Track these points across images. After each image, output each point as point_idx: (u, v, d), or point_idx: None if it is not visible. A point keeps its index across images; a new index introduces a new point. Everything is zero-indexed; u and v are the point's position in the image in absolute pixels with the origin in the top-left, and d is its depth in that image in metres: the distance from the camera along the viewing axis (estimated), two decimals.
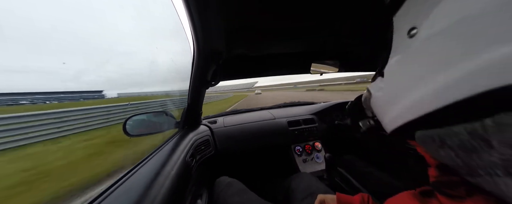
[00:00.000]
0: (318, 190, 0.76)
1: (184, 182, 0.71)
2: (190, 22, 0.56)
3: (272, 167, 1.58)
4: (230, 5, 0.56)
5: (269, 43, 0.91)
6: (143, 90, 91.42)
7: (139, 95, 62.98)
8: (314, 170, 1.33)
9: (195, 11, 0.51)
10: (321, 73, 1.26)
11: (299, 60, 1.20)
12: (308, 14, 0.67)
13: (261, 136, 1.37)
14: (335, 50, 1.11)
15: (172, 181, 0.59)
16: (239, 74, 1.32)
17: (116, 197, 0.48)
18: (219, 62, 0.89)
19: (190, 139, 1.00)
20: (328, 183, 1.04)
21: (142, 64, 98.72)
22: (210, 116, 1.67)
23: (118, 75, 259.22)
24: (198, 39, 0.66)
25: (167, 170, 0.63)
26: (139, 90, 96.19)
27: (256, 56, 1.05)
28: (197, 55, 0.77)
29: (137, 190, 0.49)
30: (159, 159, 0.71)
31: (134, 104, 13.41)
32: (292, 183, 0.87)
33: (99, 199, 0.46)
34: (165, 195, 0.52)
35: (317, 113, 1.59)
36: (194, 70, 0.87)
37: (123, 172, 0.60)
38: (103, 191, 0.50)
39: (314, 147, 1.46)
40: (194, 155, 0.95)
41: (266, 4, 0.58)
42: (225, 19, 0.63)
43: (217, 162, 1.31)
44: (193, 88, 0.99)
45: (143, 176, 0.57)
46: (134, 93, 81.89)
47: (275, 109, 1.82)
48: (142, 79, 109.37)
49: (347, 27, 0.80)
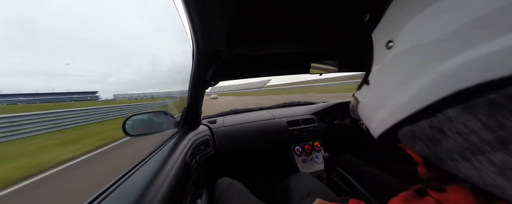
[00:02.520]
0: (315, 190, 0.76)
1: (183, 182, 0.71)
2: (190, 22, 0.56)
3: (272, 167, 1.58)
4: (230, 5, 0.57)
5: (268, 43, 0.91)
6: (147, 91, 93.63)
7: (139, 95, 68.94)
8: (313, 170, 1.33)
9: (195, 11, 0.51)
10: (321, 73, 1.26)
11: (299, 60, 1.20)
12: (308, 14, 0.67)
13: (260, 136, 1.37)
14: (335, 50, 1.11)
15: (171, 181, 0.59)
16: (239, 74, 1.32)
17: (116, 196, 0.48)
18: (218, 62, 0.89)
19: (190, 139, 1.00)
20: (327, 183, 1.04)
21: (144, 65, 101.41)
22: (210, 115, 1.67)
23: (136, 77, 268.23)
24: (197, 39, 0.66)
25: (167, 170, 0.63)
26: (142, 91, 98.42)
27: (255, 56, 1.05)
28: (197, 55, 0.77)
29: (137, 190, 0.50)
30: (158, 158, 0.71)
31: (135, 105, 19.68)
32: (291, 183, 0.87)
33: (99, 198, 0.47)
34: (165, 195, 0.52)
35: (316, 113, 1.59)
36: (193, 70, 0.87)
37: (123, 172, 0.60)
38: (103, 191, 0.50)
39: (313, 147, 1.46)
40: (193, 155, 0.95)
41: (266, 4, 0.58)
42: (224, 19, 0.63)
43: (216, 162, 1.32)
44: (192, 88, 0.99)
45: (143, 176, 0.57)
46: (133, 94, 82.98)
47: (275, 109, 1.82)
48: (143, 80, 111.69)
49: (345, 28, 0.80)
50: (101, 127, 12.88)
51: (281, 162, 1.49)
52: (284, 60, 1.19)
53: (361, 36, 0.88)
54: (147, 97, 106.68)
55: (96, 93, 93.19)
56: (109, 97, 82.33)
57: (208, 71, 0.93)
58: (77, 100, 52.90)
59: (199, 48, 0.71)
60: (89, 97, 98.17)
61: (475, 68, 0.16)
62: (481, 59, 0.16)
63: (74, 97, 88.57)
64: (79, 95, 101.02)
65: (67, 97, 58.84)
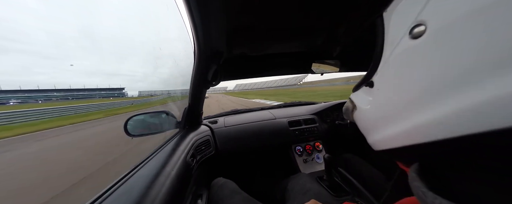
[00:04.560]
0: (309, 191, 0.77)
1: (184, 183, 0.72)
2: (191, 22, 0.56)
3: (273, 167, 1.58)
4: (231, 5, 0.56)
5: (269, 43, 0.91)
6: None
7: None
8: (314, 170, 1.33)
9: (196, 10, 0.51)
10: (322, 73, 1.25)
11: (300, 60, 1.20)
12: (308, 14, 0.66)
13: (261, 136, 1.37)
14: (336, 50, 1.11)
15: (172, 181, 0.59)
16: (240, 74, 1.32)
17: (117, 197, 0.48)
18: (219, 62, 0.89)
19: (191, 139, 1.00)
20: (328, 184, 1.04)
21: (146, 66, 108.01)
22: (211, 116, 1.67)
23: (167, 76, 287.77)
24: (199, 39, 0.66)
25: (168, 170, 0.63)
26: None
27: (256, 56, 1.05)
28: (198, 55, 0.77)
29: (138, 190, 0.50)
30: (159, 159, 0.71)
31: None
32: (289, 183, 0.88)
33: (100, 199, 0.47)
34: (166, 195, 0.52)
35: (317, 113, 1.59)
36: (195, 70, 0.87)
37: (124, 172, 0.61)
38: (105, 191, 0.50)
39: (314, 147, 1.45)
40: (194, 155, 0.95)
41: (267, 4, 0.58)
42: (225, 18, 0.63)
43: (217, 162, 1.31)
44: (194, 88, 0.99)
45: (144, 176, 0.58)
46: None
47: (276, 109, 1.82)
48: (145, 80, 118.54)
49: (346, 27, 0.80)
50: None
51: (282, 162, 1.49)
52: (285, 60, 1.18)
53: (364, 27, 0.85)
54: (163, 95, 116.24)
55: (123, 89, 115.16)
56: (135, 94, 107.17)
57: (209, 71, 0.93)
58: (105, 96, 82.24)
59: (200, 48, 0.71)
60: (117, 93, 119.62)
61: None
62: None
63: (104, 93, 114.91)
64: (108, 91, 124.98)
65: (107, 93, 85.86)
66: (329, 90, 33.06)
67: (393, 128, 0.20)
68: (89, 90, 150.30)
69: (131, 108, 41.68)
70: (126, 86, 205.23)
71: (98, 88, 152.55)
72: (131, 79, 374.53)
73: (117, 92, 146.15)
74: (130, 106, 51.18)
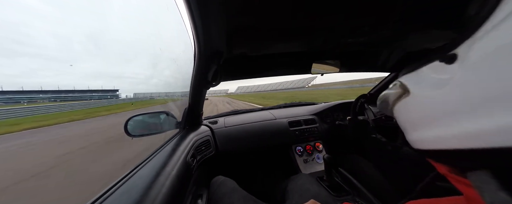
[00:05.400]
0: (308, 191, 0.77)
1: (184, 183, 0.72)
2: (191, 22, 0.56)
3: (273, 167, 1.58)
4: (231, 5, 0.56)
5: (269, 43, 0.91)
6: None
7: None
8: (315, 170, 1.33)
9: (196, 11, 0.51)
10: (322, 73, 1.25)
11: (300, 60, 1.20)
12: (309, 14, 0.66)
13: (261, 136, 1.37)
14: (336, 50, 1.11)
15: (172, 182, 0.59)
16: (240, 74, 1.32)
17: (117, 197, 0.48)
18: (220, 62, 0.89)
19: (191, 140, 1.00)
20: (328, 184, 1.04)
21: (147, 66, 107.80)
22: (211, 116, 1.67)
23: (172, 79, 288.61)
24: (199, 39, 0.66)
25: (168, 171, 0.63)
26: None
27: (256, 56, 1.05)
28: (198, 55, 0.77)
29: (138, 190, 0.50)
30: (160, 159, 0.71)
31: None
32: (289, 184, 0.88)
33: (101, 199, 0.47)
34: (166, 195, 0.52)
35: (318, 113, 1.59)
36: (195, 70, 0.87)
37: (125, 173, 0.61)
38: (105, 192, 0.50)
39: (315, 147, 1.45)
40: (194, 156, 0.95)
41: (267, 4, 0.58)
42: (225, 18, 0.63)
43: (218, 162, 1.31)
44: (194, 88, 0.99)
45: (144, 176, 0.58)
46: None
47: (276, 109, 1.82)
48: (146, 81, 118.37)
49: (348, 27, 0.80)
50: None
51: (282, 162, 1.49)
52: (285, 60, 1.18)
53: (365, 33, 0.83)
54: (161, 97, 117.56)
55: (117, 91, 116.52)
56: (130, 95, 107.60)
57: (209, 72, 0.93)
58: (100, 98, 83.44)
59: (200, 48, 0.72)
60: (110, 95, 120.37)
61: None
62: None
63: (102, 95, 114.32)
64: (102, 93, 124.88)
65: (101, 95, 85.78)
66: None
67: (467, 124, 0.15)
68: (80, 92, 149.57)
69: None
70: (128, 88, 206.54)
71: (89, 90, 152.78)
72: (131, 82, 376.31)
73: (110, 94, 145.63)
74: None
